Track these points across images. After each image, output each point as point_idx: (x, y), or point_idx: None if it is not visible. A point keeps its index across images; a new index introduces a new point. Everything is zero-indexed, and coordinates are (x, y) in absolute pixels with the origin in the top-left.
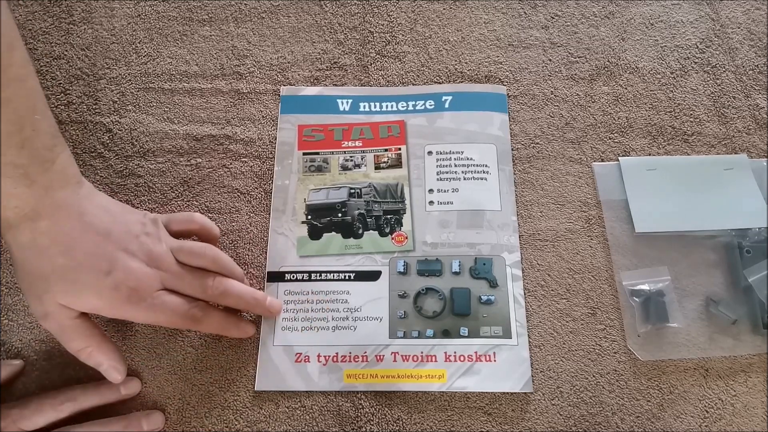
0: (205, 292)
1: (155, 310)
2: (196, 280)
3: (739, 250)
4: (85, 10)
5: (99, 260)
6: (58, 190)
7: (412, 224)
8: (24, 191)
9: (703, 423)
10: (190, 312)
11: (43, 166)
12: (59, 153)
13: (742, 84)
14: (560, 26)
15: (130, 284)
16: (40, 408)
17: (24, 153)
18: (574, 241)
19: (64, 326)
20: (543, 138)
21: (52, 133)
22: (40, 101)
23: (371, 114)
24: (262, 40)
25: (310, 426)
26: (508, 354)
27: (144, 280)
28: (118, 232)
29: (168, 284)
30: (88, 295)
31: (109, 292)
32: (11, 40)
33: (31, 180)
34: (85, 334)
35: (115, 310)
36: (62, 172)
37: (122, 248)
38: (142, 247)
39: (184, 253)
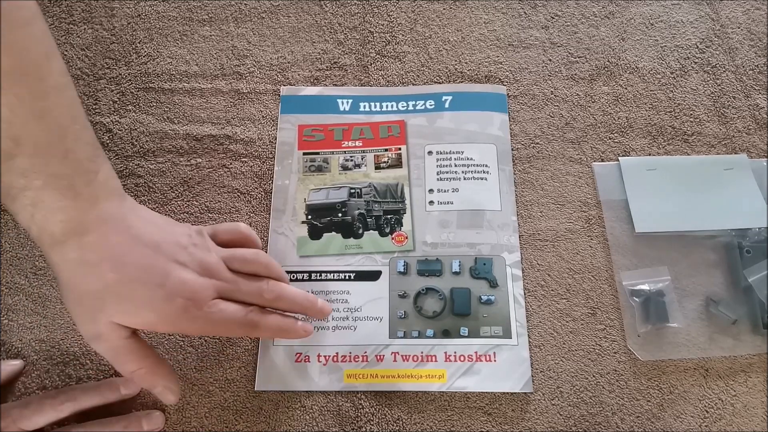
0: (261, 296)
1: (213, 320)
2: (250, 285)
3: (739, 250)
4: (85, 10)
5: (151, 273)
6: (103, 202)
7: (412, 224)
8: (69, 204)
9: (703, 423)
10: (248, 317)
11: (86, 177)
12: (101, 165)
13: (742, 84)
14: (560, 26)
15: (185, 295)
16: (40, 408)
17: (67, 164)
18: (574, 241)
19: (118, 347)
20: (543, 138)
21: (94, 144)
22: (79, 111)
23: (371, 114)
24: (262, 40)
25: (310, 426)
26: (508, 354)
27: (199, 290)
28: (166, 243)
29: (223, 292)
30: (144, 309)
31: (164, 304)
32: (48, 49)
33: (75, 192)
34: (139, 354)
35: (171, 324)
36: (105, 184)
37: (173, 259)
38: (193, 258)
39: (236, 260)
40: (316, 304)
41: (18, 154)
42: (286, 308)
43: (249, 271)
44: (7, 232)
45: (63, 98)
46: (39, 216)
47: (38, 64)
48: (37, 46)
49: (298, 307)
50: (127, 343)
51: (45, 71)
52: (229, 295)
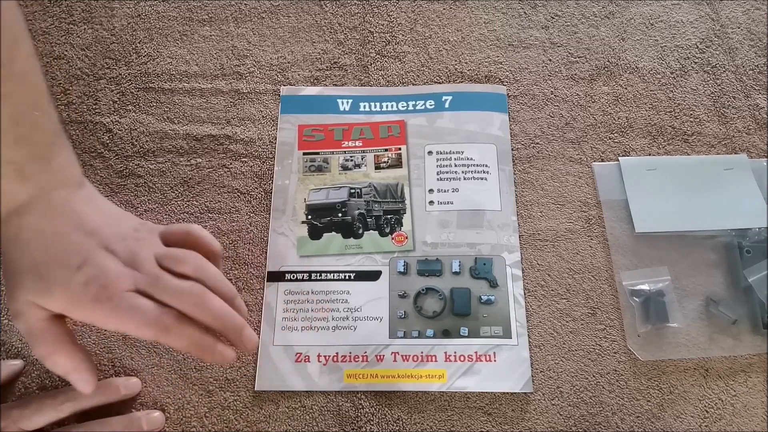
0: (179, 298)
1: (121, 312)
2: (170, 283)
3: (739, 250)
4: (85, 10)
5: (74, 255)
6: (54, 189)
7: (412, 224)
8: (17, 187)
9: (703, 423)
10: (161, 319)
11: (38, 164)
12: (58, 152)
13: (742, 84)
14: (560, 26)
15: (99, 281)
16: (40, 408)
17: (19, 149)
18: (574, 241)
19: (32, 327)
20: (543, 138)
21: (53, 132)
22: (42, 98)
23: (371, 114)
24: (262, 40)
25: (310, 426)
26: (508, 354)
27: (115, 279)
28: (105, 230)
29: (141, 286)
30: (57, 290)
31: (77, 287)
32: (17, 35)
33: (24, 176)
34: (54, 337)
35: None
36: (61, 171)
37: (103, 246)
38: (126, 248)
39: (168, 258)
40: (242, 330)
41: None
42: (207, 322)
43: (180, 271)
44: None
45: (25, 84)
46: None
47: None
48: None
49: (220, 324)
50: (42, 324)
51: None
52: (147, 290)
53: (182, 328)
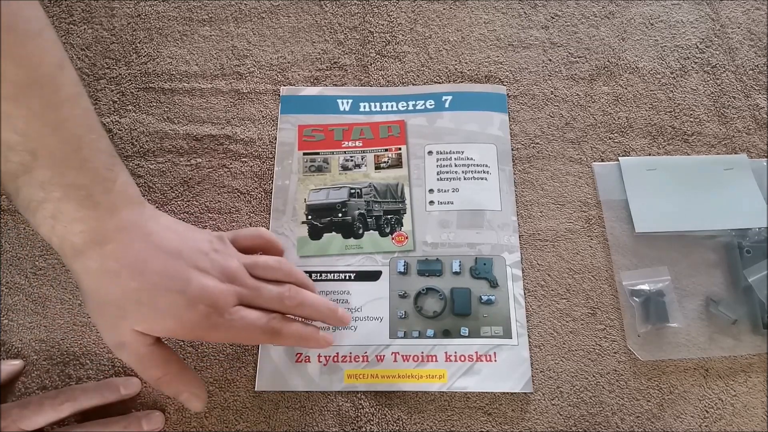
0: (282, 303)
1: (235, 327)
2: (272, 292)
3: (739, 250)
4: (85, 10)
5: (172, 280)
6: (122, 211)
7: (413, 224)
8: (88, 214)
9: (703, 423)
10: (270, 324)
11: (104, 186)
12: (119, 172)
13: (742, 84)
14: (560, 26)
15: (206, 302)
16: (40, 408)
17: (84, 174)
18: (574, 241)
19: (141, 355)
20: (543, 138)
21: (111, 153)
22: (94, 120)
23: (371, 114)
24: (262, 40)
25: (310, 426)
26: (509, 354)
27: (220, 297)
28: (187, 250)
29: (244, 299)
30: (165, 317)
31: (186, 312)
32: (61, 60)
33: (94, 201)
34: (163, 361)
35: (193, 331)
36: (124, 192)
37: (194, 266)
38: (214, 264)
39: (259, 267)
40: (337, 312)
41: (35, 167)
42: (308, 316)
43: (271, 278)
44: (7, 232)
45: (77, 108)
46: (59, 227)
47: (51, 74)
48: (49, 57)
49: (318, 314)
50: (150, 350)
51: (58, 82)
52: (251, 302)
53: (289, 328)
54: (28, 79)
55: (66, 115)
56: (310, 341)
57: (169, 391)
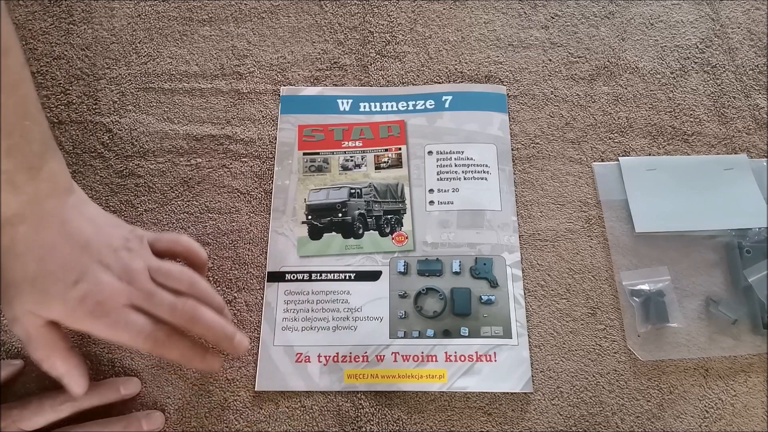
0: (173, 314)
1: (117, 327)
2: (165, 300)
3: (739, 250)
4: (85, 10)
5: (69, 270)
6: (44, 198)
7: (413, 224)
8: (8, 197)
9: (703, 423)
10: (154, 334)
11: (29, 173)
12: (48, 160)
13: (742, 84)
14: (560, 26)
15: (96, 297)
16: (40, 408)
17: (10, 159)
18: (574, 241)
19: (30, 333)
20: (543, 138)
21: (43, 140)
22: (33, 107)
23: (371, 114)
24: (262, 40)
25: (310, 426)
26: (509, 354)
27: (111, 294)
28: (97, 243)
29: (136, 301)
30: (54, 303)
31: (74, 302)
32: (7, 45)
33: (15, 186)
34: (50, 343)
35: (77, 322)
36: (51, 180)
37: (97, 260)
38: (119, 262)
39: (161, 273)
40: (233, 338)
41: None
42: (200, 334)
43: (172, 287)
44: None
45: (15, 95)
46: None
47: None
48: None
49: (212, 336)
50: (40, 331)
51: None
52: (142, 306)
53: (175, 342)
54: None
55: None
56: (195, 361)
57: (52, 372)
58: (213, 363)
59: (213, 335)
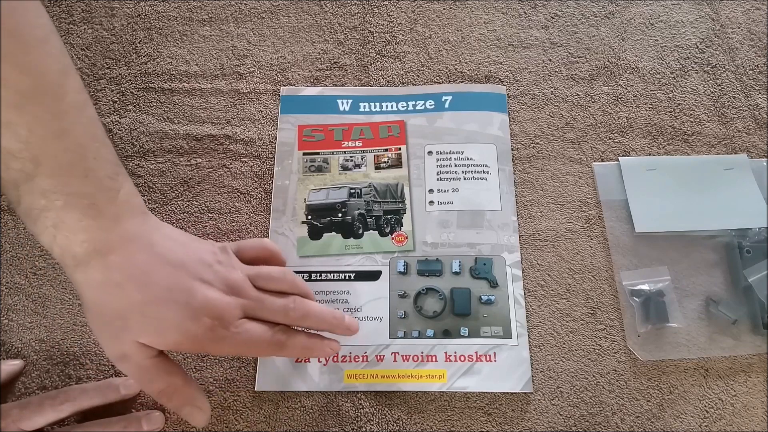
0: (287, 315)
1: (240, 340)
2: (276, 304)
3: (739, 250)
4: (85, 10)
5: (177, 292)
6: (126, 221)
7: (413, 224)
8: (91, 223)
9: (703, 423)
10: (275, 338)
11: (108, 195)
12: (123, 182)
13: (742, 84)
14: (560, 26)
15: (211, 315)
16: (40, 408)
17: (88, 183)
18: (574, 241)
19: (143, 367)
20: (543, 138)
21: (115, 162)
22: (99, 128)
23: (371, 114)
24: (262, 40)
25: (310, 426)
26: (509, 354)
27: (225, 309)
28: (191, 262)
29: (249, 311)
30: (169, 330)
31: (190, 324)
32: (65, 67)
33: (97, 211)
34: (166, 374)
35: (198, 344)
36: (128, 202)
37: (198, 278)
38: (218, 276)
39: (262, 278)
40: (343, 321)
41: (38, 175)
42: (313, 326)
43: (275, 289)
44: (7, 232)
45: (82, 116)
46: (61, 237)
47: (55, 82)
48: (54, 64)
49: (325, 325)
50: (153, 362)
51: (62, 90)
52: (255, 314)
53: (294, 340)
54: (31, 86)
55: (70, 124)
56: (315, 351)
57: (171, 405)
58: (333, 345)
59: (327, 324)
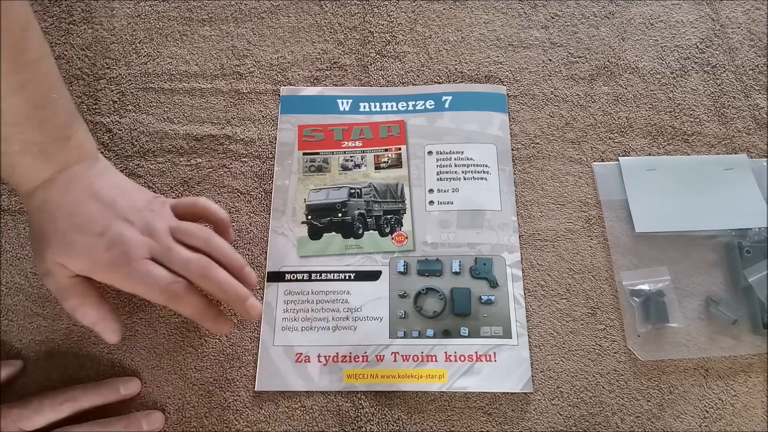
0: (187, 268)
1: (137, 276)
2: (181, 254)
3: (739, 250)
4: (85, 10)
5: (95, 224)
6: (74, 165)
7: (413, 224)
8: (41, 165)
9: (703, 423)
10: (171, 286)
11: (59, 143)
12: (76, 130)
13: (742, 84)
14: (560, 26)
15: (119, 247)
16: (40, 408)
17: (42, 131)
18: (574, 241)
19: (62, 284)
20: (543, 138)
21: (69, 111)
22: (56, 80)
23: (371, 114)
24: (262, 40)
25: (310, 426)
26: (509, 354)
27: (133, 245)
28: (122, 203)
29: (155, 253)
30: (81, 254)
31: (99, 252)
32: (25, 22)
33: (48, 155)
34: (81, 292)
35: (101, 272)
36: (78, 148)
37: (122, 217)
38: (142, 219)
39: (179, 231)
40: (245, 300)
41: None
42: (212, 292)
43: (190, 244)
44: (7, 232)
45: (39, 70)
46: (15, 175)
47: (16, 38)
48: (14, 22)
49: (223, 294)
50: (71, 281)
51: (22, 45)
52: (162, 260)
53: (190, 297)
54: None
55: (28, 77)
56: (207, 320)
57: (85, 321)
58: (223, 325)
59: (224, 294)
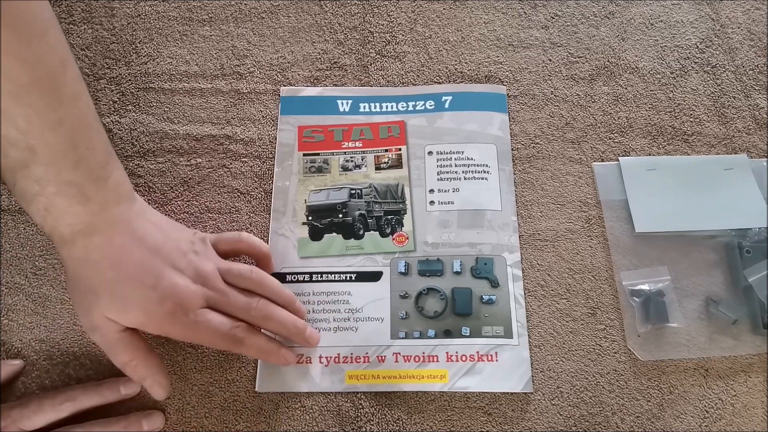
0: (248, 312)
1: (197, 327)
2: (239, 299)
3: (739, 250)
4: (85, 10)
5: (146, 275)
6: (112, 206)
7: (413, 224)
8: (79, 209)
9: (703, 423)
10: (232, 332)
11: (97, 184)
12: (113, 170)
13: (742, 84)
14: (560, 26)
15: (174, 299)
16: (40, 408)
17: (79, 171)
18: (574, 241)
19: (111, 339)
20: (543, 138)
21: (106, 150)
22: (93, 118)
23: (371, 114)
24: (262, 40)
25: (310, 426)
26: (510, 354)
27: (188, 296)
28: (167, 248)
29: (212, 302)
30: (134, 308)
31: (153, 306)
32: (64, 58)
33: (86, 197)
34: (131, 347)
35: (157, 325)
36: (116, 189)
37: (170, 264)
38: (190, 265)
39: (231, 274)
40: (304, 331)
41: (33, 163)
42: (273, 330)
43: (243, 287)
44: (7, 232)
45: (77, 107)
46: (51, 219)
47: (54, 74)
48: (53, 56)
49: (285, 331)
50: (120, 336)
51: (60, 81)
52: (219, 306)
53: (252, 339)
54: (31, 79)
55: (65, 114)
56: (271, 356)
57: (134, 376)
58: (288, 357)
59: (286, 331)
